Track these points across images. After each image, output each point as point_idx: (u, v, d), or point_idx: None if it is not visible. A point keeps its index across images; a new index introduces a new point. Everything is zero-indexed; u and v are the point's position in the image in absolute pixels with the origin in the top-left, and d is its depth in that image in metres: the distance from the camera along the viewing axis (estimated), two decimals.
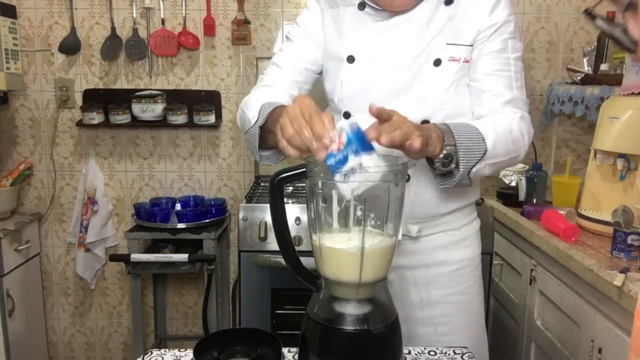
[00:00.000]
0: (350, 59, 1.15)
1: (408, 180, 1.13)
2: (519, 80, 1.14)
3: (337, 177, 0.79)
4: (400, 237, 1.14)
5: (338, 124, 0.81)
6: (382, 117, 0.86)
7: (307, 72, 1.22)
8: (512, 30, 1.13)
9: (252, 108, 1.07)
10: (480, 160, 1.01)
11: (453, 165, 0.99)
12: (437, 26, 1.11)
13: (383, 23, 1.14)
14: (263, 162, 1.12)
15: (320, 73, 1.25)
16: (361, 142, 0.79)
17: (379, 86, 1.13)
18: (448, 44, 1.11)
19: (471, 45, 1.12)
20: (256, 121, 1.04)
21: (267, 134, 1.04)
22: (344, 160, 0.78)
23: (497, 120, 1.07)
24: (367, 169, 0.78)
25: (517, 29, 1.16)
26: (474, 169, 1.01)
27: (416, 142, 0.87)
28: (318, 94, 1.28)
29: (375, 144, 0.82)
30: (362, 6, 1.15)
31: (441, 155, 0.97)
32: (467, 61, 1.12)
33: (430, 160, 1.01)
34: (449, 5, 1.12)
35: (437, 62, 1.10)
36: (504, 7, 1.12)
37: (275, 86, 1.19)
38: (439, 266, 1.20)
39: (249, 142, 1.09)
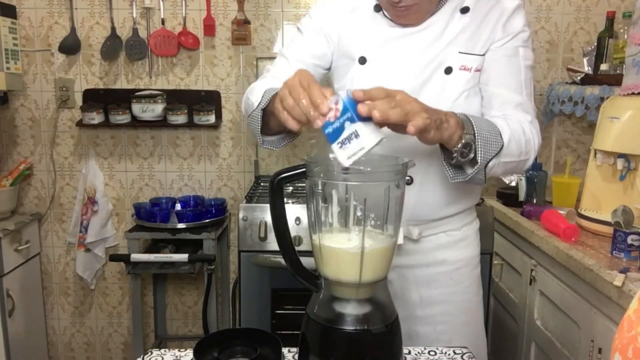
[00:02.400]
0: (362, 60, 1.14)
1: (410, 183, 1.13)
2: (529, 88, 1.13)
3: (334, 145, 0.79)
4: (401, 241, 1.14)
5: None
6: (374, 98, 0.83)
7: (315, 68, 1.21)
8: (525, 40, 1.13)
9: (256, 93, 1.07)
10: (497, 154, 0.98)
11: (472, 155, 0.96)
12: (451, 35, 1.11)
13: (398, 28, 1.13)
14: (265, 146, 1.11)
15: (329, 69, 1.24)
16: (356, 110, 0.79)
17: None
18: (460, 52, 1.10)
19: (483, 55, 1.11)
20: (259, 104, 1.03)
21: (269, 117, 1.03)
22: (341, 128, 0.79)
23: (509, 120, 1.06)
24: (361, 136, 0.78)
25: (531, 39, 1.16)
26: (490, 164, 0.99)
27: (418, 122, 0.84)
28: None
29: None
30: (377, 8, 1.15)
31: (460, 145, 0.95)
32: (479, 70, 1.12)
33: (445, 151, 0.99)
34: (464, 13, 1.11)
35: (449, 70, 1.10)
36: (520, 18, 1.12)
37: (281, 78, 1.19)
38: (439, 265, 1.21)
39: (251, 126, 1.08)
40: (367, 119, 0.80)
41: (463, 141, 0.94)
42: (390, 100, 0.83)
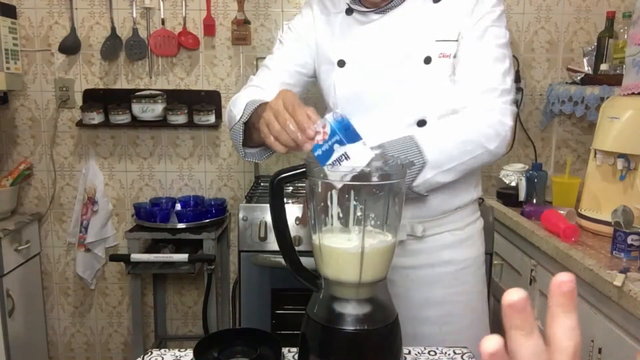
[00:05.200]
0: (341, 63, 1.16)
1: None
2: (504, 65, 1.10)
3: (326, 167, 0.79)
4: (405, 237, 1.14)
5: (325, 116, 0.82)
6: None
7: (298, 75, 1.24)
8: (494, 19, 1.10)
9: (238, 105, 1.08)
10: (419, 173, 1.02)
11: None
12: (424, 23, 1.12)
13: (370, 26, 1.15)
14: (247, 159, 1.12)
15: (312, 77, 1.27)
16: (345, 132, 0.79)
17: (371, 89, 1.14)
18: (437, 40, 1.11)
19: (457, 41, 1.11)
20: (240, 117, 1.04)
21: (252, 130, 1.04)
22: (330, 150, 0.79)
23: (463, 115, 1.07)
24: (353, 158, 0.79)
25: (504, 18, 1.13)
26: (415, 183, 1.03)
27: None
28: (316, 96, 1.28)
29: (362, 134, 0.82)
30: (349, 12, 1.18)
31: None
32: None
33: None
34: (437, 2, 1.12)
35: (428, 60, 1.10)
36: (489, 0, 1.11)
37: (264, 87, 1.20)
38: (444, 265, 1.20)
39: (234, 139, 1.10)
40: (354, 138, 0.80)
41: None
42: None
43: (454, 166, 1.05)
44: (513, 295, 0.36)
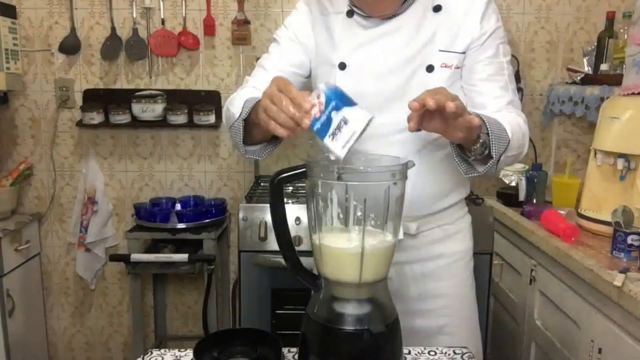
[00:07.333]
0: (342, 66, 1.16)
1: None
2: (513, 83, 1.18)
3: (326, 139, 0.80)
4: (401, 236, 1.16)
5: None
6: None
7: (294, 76, 1.23)
8: (502, 35, 1.17)
9: (236, 104, 1.09)
10: (505, 149, 1.02)
11: (487, 152, 1.00)
12: (427, 33, 1.13)
13: (372, 30, 1.15)
14: (248, 155, 1.13)
15: (308, 77, 1.27)
16: (340, 98, 0.80)
17: (372, 93, 1.14)
18: (440, 50, 1.12)
19: (463, 53, 1.14)
20: (240, 114, 1.05)
21: (251, 127, 1.05)
22: (328, 120, 0.80)
23: (506, 115, 1.10)
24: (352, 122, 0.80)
25: (505, 31, 1.19)
26: (501, 158, 1.03)
27: (458, 103, 0.89)
28: None
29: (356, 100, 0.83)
30: (350, 14, 1.17)
31: (478, 144, 0.98)
32: (458, 67, 1.15)
33: (457, 147, 1.03)
34: (437, 12, 1.13)
35: (430, 69, 1.12)
36: (492, 13, 1.15)
37: (260, 89, 1.20)
38: (436, 259, 1.24)
39: (233, 137, 1.10)
40: (352, 104, 0.80)
41: (481, 140, 0.98)
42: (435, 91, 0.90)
43: (511, 155, 1.06)
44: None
